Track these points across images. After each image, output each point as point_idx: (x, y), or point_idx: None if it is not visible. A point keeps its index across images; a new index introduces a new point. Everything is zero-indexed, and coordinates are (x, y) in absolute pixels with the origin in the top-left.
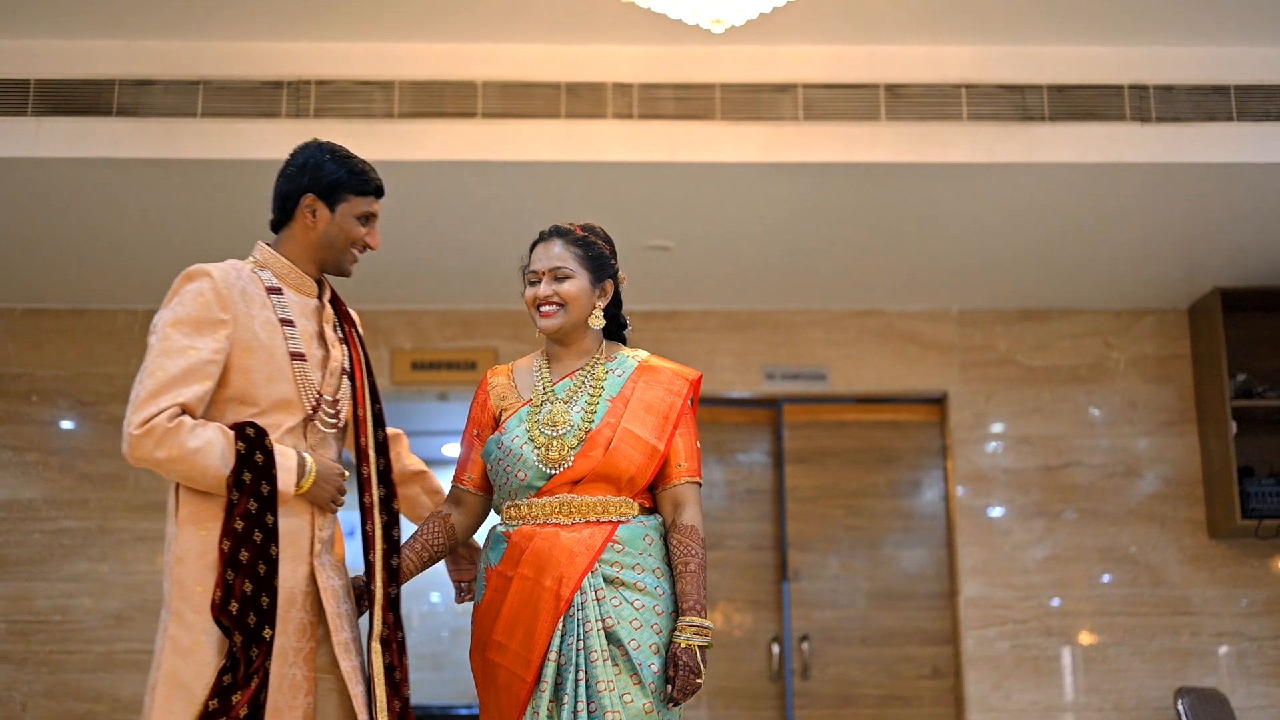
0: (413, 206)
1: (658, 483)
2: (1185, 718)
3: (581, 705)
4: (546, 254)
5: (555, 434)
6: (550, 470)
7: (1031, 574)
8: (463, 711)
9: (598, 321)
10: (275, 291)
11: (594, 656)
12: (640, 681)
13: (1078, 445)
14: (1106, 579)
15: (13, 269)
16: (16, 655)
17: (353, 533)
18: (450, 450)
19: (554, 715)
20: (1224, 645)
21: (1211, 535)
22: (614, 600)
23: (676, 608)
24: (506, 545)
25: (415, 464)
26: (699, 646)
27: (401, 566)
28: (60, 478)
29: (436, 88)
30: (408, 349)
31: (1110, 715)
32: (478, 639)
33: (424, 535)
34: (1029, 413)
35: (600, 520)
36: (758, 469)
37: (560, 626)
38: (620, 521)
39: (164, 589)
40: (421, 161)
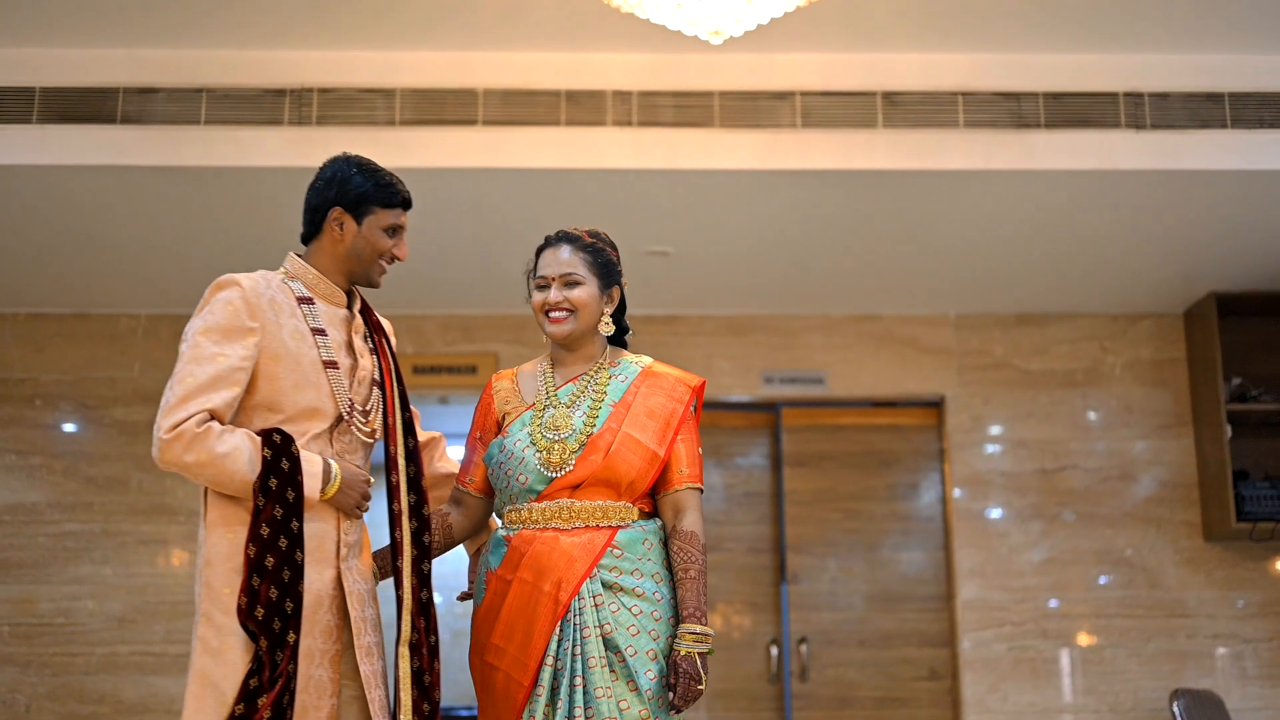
0: (414, 213)
1: (659, 488)
2: (1180, 719)
3: (579, 711)
4: (556, 259)
5: (557, 438)
6: (551, 474)
7: (1028, 576)
8: (463, 713)
9: (607, 328)
10: (306, 301)
11: (592, 662)
12: (637, 689)
13: (1074, 448)
14: (1103, 581)
15: (16, 274)
16: (20, 657)
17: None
18: (452, 453)
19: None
20: (1220, 647)
21: (1207, 538)
22: (612, 606)
23: (676, 613)
24: (507, 549)
25: (447, 467)
26: (699, 654)
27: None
28: (63, 481)
29: (438, 95)
30: (409, 353)
31: (1107, 717)
32: (476, 642)
33: None
34: (1026, 416)
35: (600, 525)
36: (756, 472)
37: (558, 631)
38: (619, 526)
39: (195, 591)
40: (423, 168)
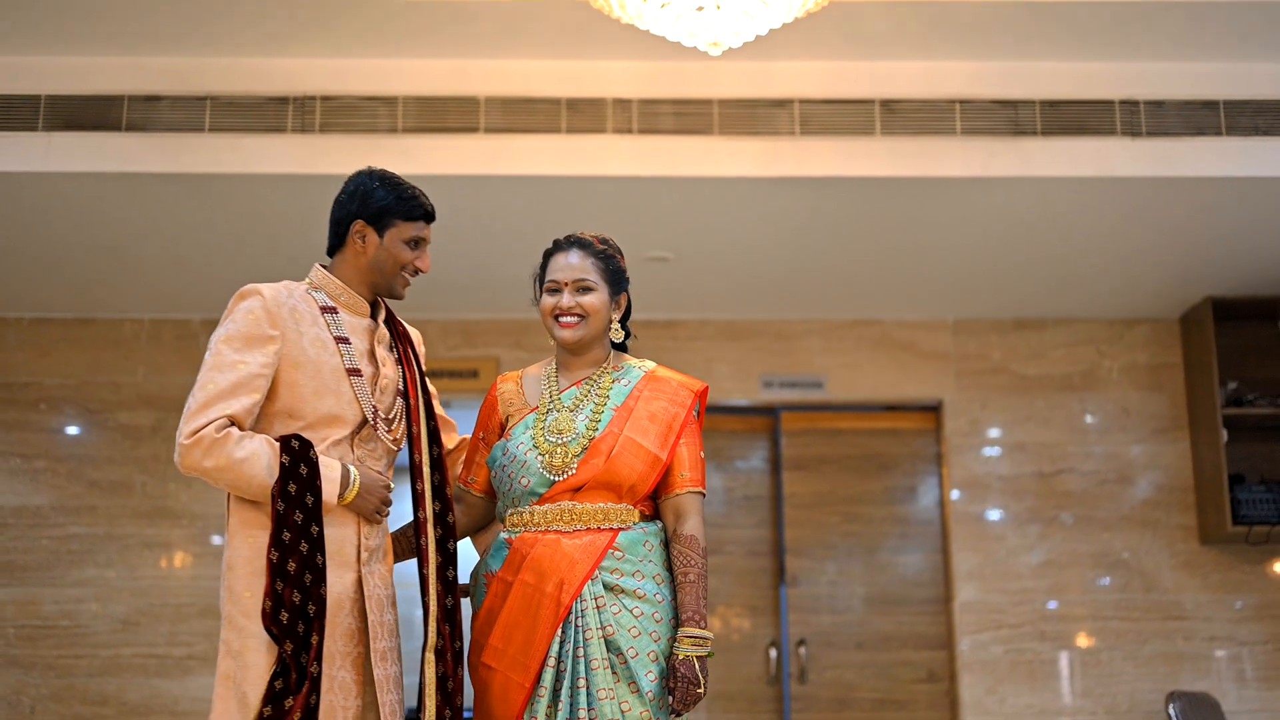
0: None
1: (660, 491)
2: None
3: (582, 712)
4: (568, 264)
5: (560, 441)
6: (553, 476)
7: (1026, 579)
8: (464, 714)
9: (617, 335)
10: (330, 311)
11: (595, 664)
12: (638, 690)
13: (1071, 452)
14: (1100, 584)
15: (21, 279)
16: (25, 660)
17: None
18: None
19: None
20: (1216, 650)
21: (1203, 541)
22: (614, 608)
23: (677, 615)
24: (508, 551)
25: None
26: (698, 658)
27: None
28: (68, 485)
29: (439, 103)
30: None
31: (1104, 719)
32: (474, 643)
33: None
34: (1023, 420)
35: (601, 527)
36: (756, 475)
37: (560, 633)
38: (621, 528)
39: (219, 594)
40: (424, 175)
